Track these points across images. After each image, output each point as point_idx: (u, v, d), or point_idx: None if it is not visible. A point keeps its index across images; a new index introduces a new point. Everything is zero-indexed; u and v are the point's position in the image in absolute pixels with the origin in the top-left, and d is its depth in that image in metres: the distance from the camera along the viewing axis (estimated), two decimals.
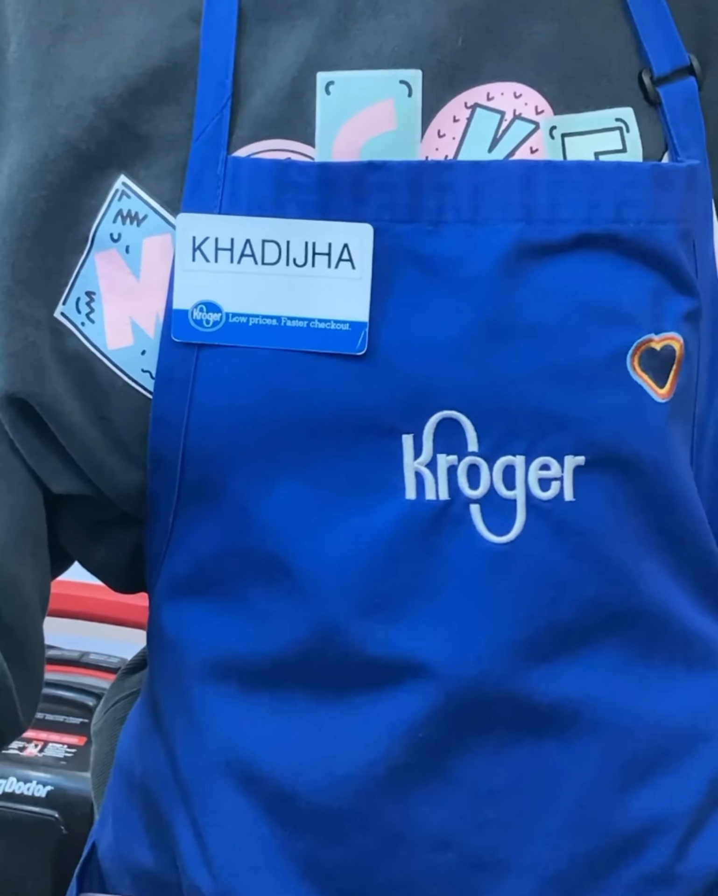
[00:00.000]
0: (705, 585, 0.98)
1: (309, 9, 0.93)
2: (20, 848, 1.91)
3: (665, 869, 0.97)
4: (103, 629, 2.02)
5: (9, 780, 1.93)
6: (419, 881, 0.95)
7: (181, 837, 0.99)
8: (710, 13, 0.97)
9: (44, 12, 0.95)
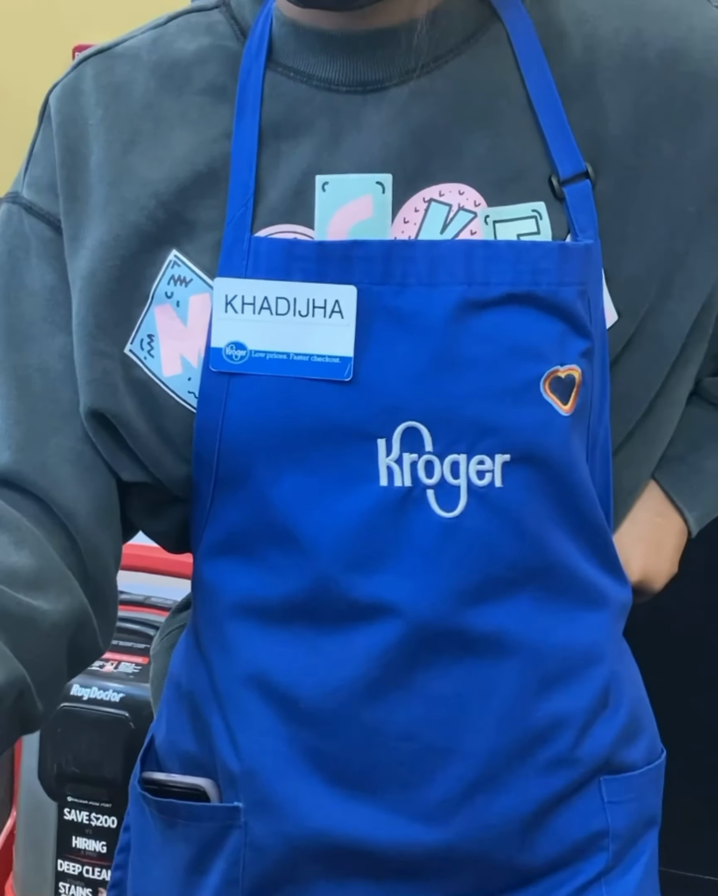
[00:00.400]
0: (596, 548, 0.98)
1: (310, 130, 0.95)
2: (100, 739, 1.95)
3: (567, 754, 0.98)
4: (161, 580, 2.02)
5: (92, 689, 1.97)
6: (390, 763, 0.96)
7: (216, 731, 1.00)
8: (600, 136, 0.94)
9: (117, 131, 0.97)
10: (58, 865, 2.05)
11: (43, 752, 2.00)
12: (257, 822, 0.99)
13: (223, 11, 1.01)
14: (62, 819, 2.02)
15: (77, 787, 2.00)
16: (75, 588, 0.94)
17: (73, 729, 1.97)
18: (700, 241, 0.97)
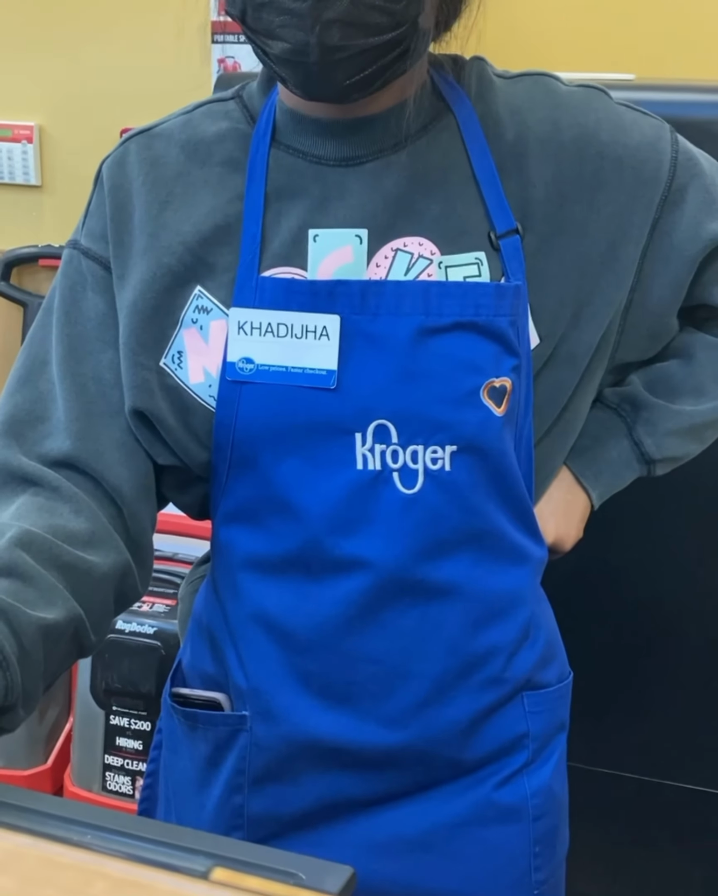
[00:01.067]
0: (520, 517, 0.97)
1: (304, 194, 0.94)
2: (139, 663, 1.94)
3: (498, 675, 0.98)
4: (185, 541, 2.00)
5: (131, 624, 1.95)
6: (362, 681, 0.96)
7: (228, 656, 1.00)
8: (528, 201, 0.94)
9: (155, 194, 0.96)
10: (104, 759, 2.04)
11: (94, 672, 1.99)
12: (260, 726, 0.99)
13: (237, 101, 1.00)
14: (108, 724, 2.02)
15: (120, 699, 1.99)
16: (121, 546, 0.94)
17: (117, 654, 1.96)
18: (602, 282, 0.97)
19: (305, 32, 0.82)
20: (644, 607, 1.73)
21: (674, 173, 0.98)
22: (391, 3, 0.82)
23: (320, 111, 0.94)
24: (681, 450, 1.10)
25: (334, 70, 0.85)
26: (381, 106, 0.93)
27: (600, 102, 0.98)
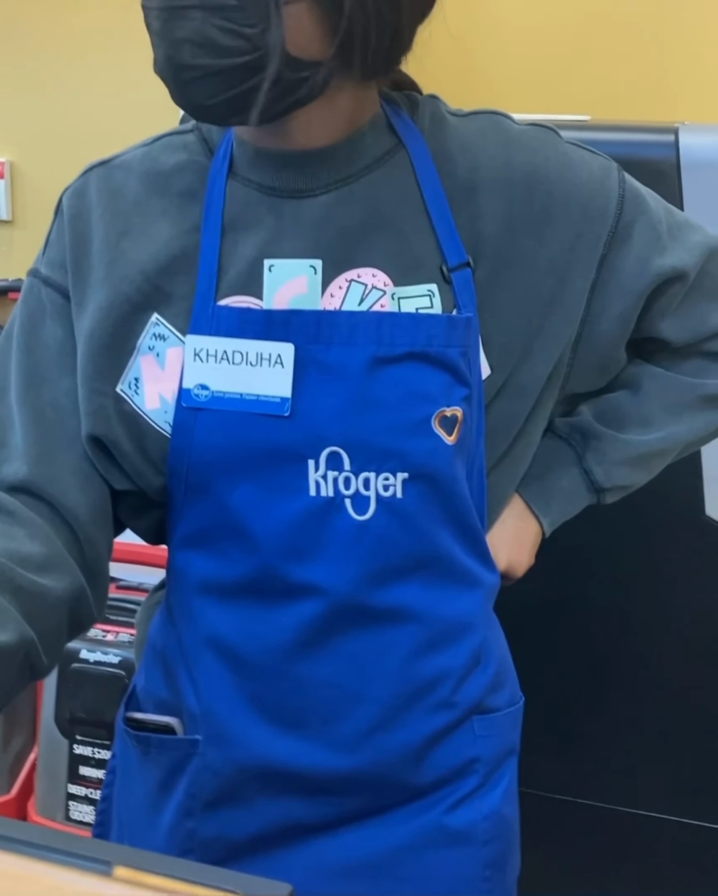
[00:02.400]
0: (472, 544, 0.97)
1: (260, 225, 0.94)
2: (102, 691, 1.93)
3: (449, 699, 0.98)
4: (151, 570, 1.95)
5: (96, 653, 1.94)
6: (314, 706, 0.96)
7: (182, 681, 0.99)
8: (479, 235, 0.95)
9: (114, 224, 0.97)
10: (68, 788, 2.02)
11: (58, 702, 1.99)
12: (212, 750, 0.98)
13: (196, 134, 1.00)
14: (72, 753, 2.00)
15: (84, 728, 1.98)
16: (76, 571, 0.93)
17: (82, 683, 1.96)
18: (552, 315, 0.98)
19: (161, 50, 0.86)
20: (598, 632, 1.74)
21: (621, 210, 0.99)
22: (245, 27, 0.83)
23: (268, 143, 0.95)
24: (630, 478, 1.10)
25: (189, 89, 0.86)
26: (331, 139, 0.94)
27: (550, 141, 0.99)
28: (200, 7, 0.83)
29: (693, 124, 1.71)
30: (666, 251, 1.01)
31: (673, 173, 1.62)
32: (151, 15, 0.85)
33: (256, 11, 0.83)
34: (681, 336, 1.06)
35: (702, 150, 1.63)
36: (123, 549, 1.78)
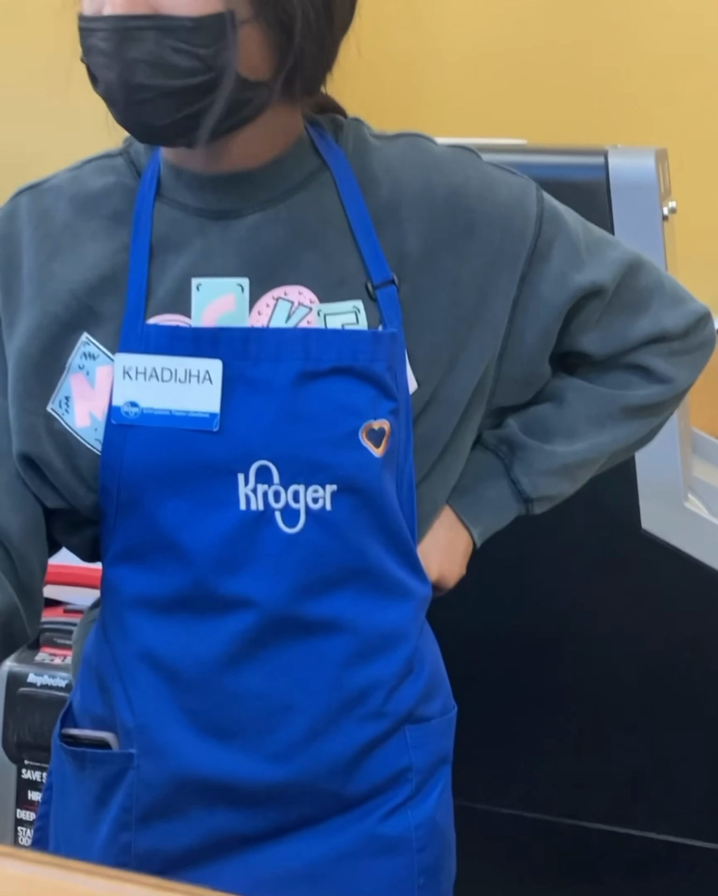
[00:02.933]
0: (402, 555, 0.98)
1: (187, 245, 0.96)
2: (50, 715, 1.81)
3: (380, 709, 0.98)
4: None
5: (44, 677, 1.92)
6: (247, 717, 0.96)
7: (116, 695, 0.98)
8: (402, 253, 0.96)
9: (43, 245, 0.97)
10: (17, 814, 2.00)
11: (5, 726, 1.95)
12: (147, 763, 0.98)
13: (124, 157, 1.01)
14: (21, 778, 1.97)
15: (32, 752, 1.94)
16: (8, 589, 0.94)
17: (29, 708, 1.93)
18: (475, 330, 0.99)
19: (112, 71, 0.85)
20: (535, 644, 1.76)
21: (540, 228, 1.01)
22: (198, 48, 0.84)
23: (196, 165, 0.96)
24: (556, 489, 1.12)
25: (141, 110, 0.87)
26: (256, 161, 0.95)
27: (470, 162, 1.02)
28: (154, 28, 0.84)
29: (623, 147, 1.75)
30: (585, 267, 1.03)
31: (603, 194, 1.66)
32: (97, 36, 0.85)
33: (211, 32, 0.84)
34: (603, 349, 1.08)
35: (630, 172, 1.68)
36: (70, 573, 1.78)
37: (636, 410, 1.12)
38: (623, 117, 2.13)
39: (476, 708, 1.17)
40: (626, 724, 1.75)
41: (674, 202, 1.78)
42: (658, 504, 1.73)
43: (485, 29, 2.30)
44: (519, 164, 1.36)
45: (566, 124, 2.10)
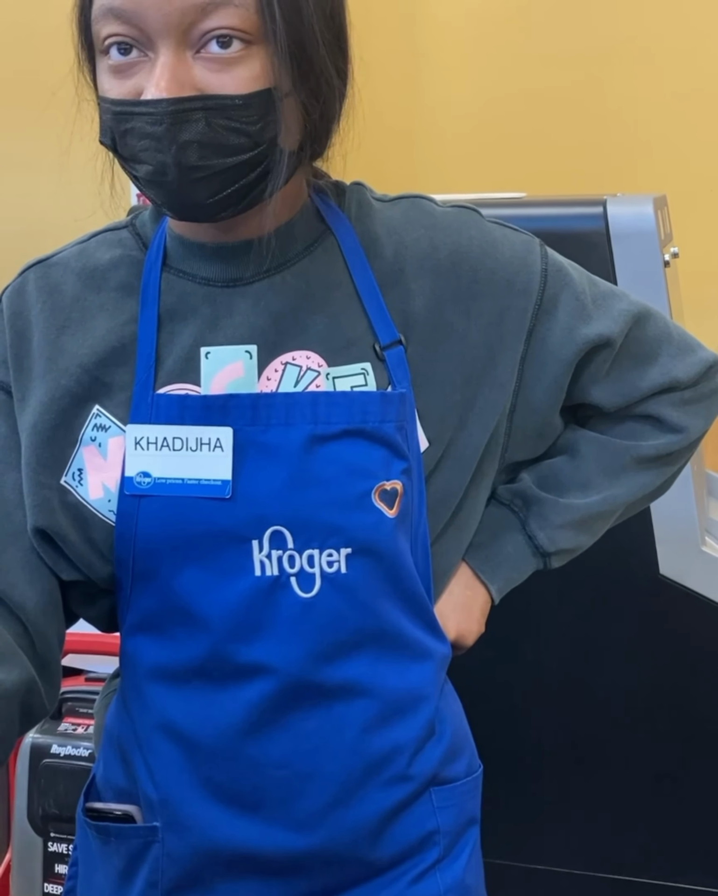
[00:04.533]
0: (419, 615, 0.97)
1: (195, 314, 0.96)
2: (75, 786, 1.84)
3: (404, 772, 0.97)
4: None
5: (67, 747, 1.91)
6: (269, 786, 0.95)
7: (138, 768, 0.98)
8: (409, 314, 0.97)
9: (53, 320, 0.98)
10: (44, 888, 1.97)
11: (30, 798, 1.94)
12: (171, 837, 0.97)
13: (130, 230, 1.02)
14: (47, 851, 1.95)
15: (58, 824, 1.93)
16: (26, 663, 0.93)
17: (54, 779, 1.91)
18: (483, 387, 1.00)
19: (163, 154, 0.86)
20: (556, 693, 1.74)
21: (545, 284, 1.02)
22: (248, 125, 0.86)
23: (203, 236, 0.97)
24: (573, 542, 1.11)
25: (194, 189, 0.88)
26: (262, 230, 0.95)
27: (472, 221, 1.02)
28: (204, 108, 0.85)
29: (622, 196, 1.77)
30: (592, 320, 1.04)
31: (604, 244, 1.67)
32: (143, 120, 0.86)
33: (259, 109, 0.87)
34: (613, 401, 1.09)
35: (629, 220, 1.69)
36: (91, 641, 1.77)
37: (649, 460, 1.11)
38: (622, 166, 2.16)
39: (500, 761, 1.15)
40: (650, 771, 1.73)
41: (676, 248, 1.79)
42: (674, 548, 1.73)
43: (481, 87, 2.34)
44: (519, 217, 1.38)
45: (564, 175, 2.12)
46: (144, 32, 0.86)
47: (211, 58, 0.86)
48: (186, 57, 0.86)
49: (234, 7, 0.84)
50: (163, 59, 0.85)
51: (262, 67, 0.86)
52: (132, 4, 0.85)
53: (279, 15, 0.85)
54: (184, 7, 0.84)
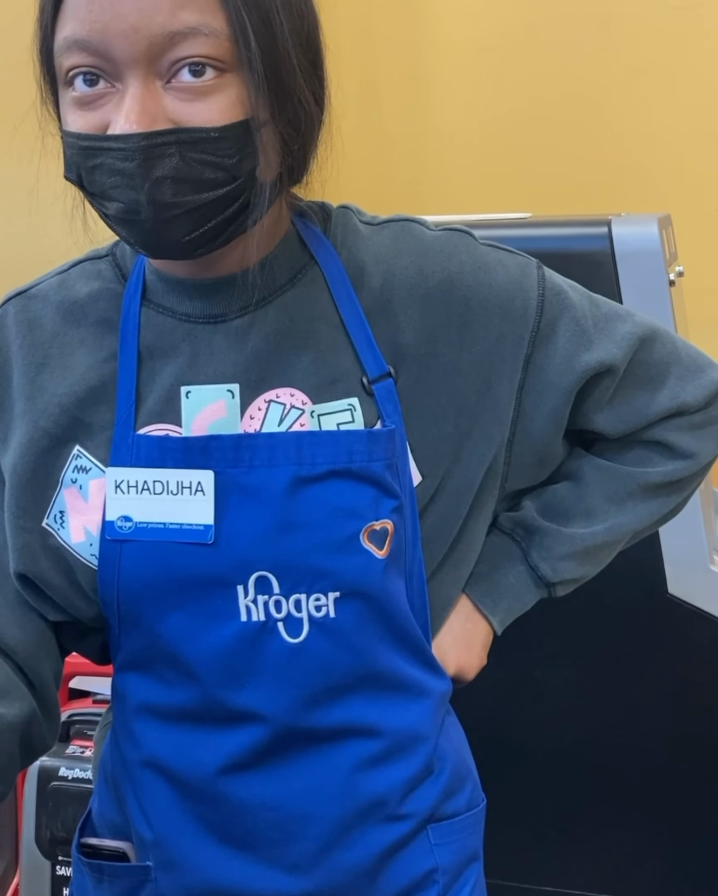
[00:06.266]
0: (415, 654, 0.96)
1: (175, 352, 0.94)
2: (83, 810, 1.88)
3: (398, 812, 0.95)
4: None
5: (75, 770, 1.90)
6: (262, 828, 0.93)
7: (130, 804, 0.97)
8: (398, 345, 0.94)
9: (32, 356, 0.96)
10: None
11: (38, 822, 1.93)
12: (164, 877, 0.96)
13: (109, 261, 1.00)
14: (55, 874, 1.94)
15: (65, 848, 1.91)
16: (27, 695, 0.93)
17: (61, 802, 1.90)
18: (479, 418, 0.97)
19: (135, 191, 0.81)
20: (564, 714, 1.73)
21: (542, 309, 0.98)
22: (224, 158, 0.82)
23: (181, 272, 0.95)
24: (578, 572, 1.09)
25: (169, 227, 0.84)
26: (239, 265, 0.93)
27: (464, 246, 0.98)
28: (178, 143, 0.81)
29: (626, 216, 1.75)
30: (593, 345, 1.00)
31: (609, 264, 1.66)
32: (111, 155, 0.81)
33: (236, 141, 0.82)
34: (618, 428, 1.05)
35: (634, 239, 1.68)
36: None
37: (657, 488, 1.08)
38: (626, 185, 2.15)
39: (509, 788, 1.13)
40: (660, 790, 1.71)
41: (681, 266, 1.77)
42: (683, 568, 1.72)
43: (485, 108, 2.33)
44: (524, 238, 1.35)
45: (569, 195, 2.12)
46: (111, 62, 0.81)
47: (183, 87, 0.81)
48: (156, 87, 0.81)
49: (204, 36, 0.80)
50: (132, 91, 0.81)
51: (237, 96, 0.82)
52: (98, 35, 0.80)
53: (254, 42, 0.81)
54: (151, 36, 0.79)
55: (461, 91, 2.27)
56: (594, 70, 2.22)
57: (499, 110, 2.28)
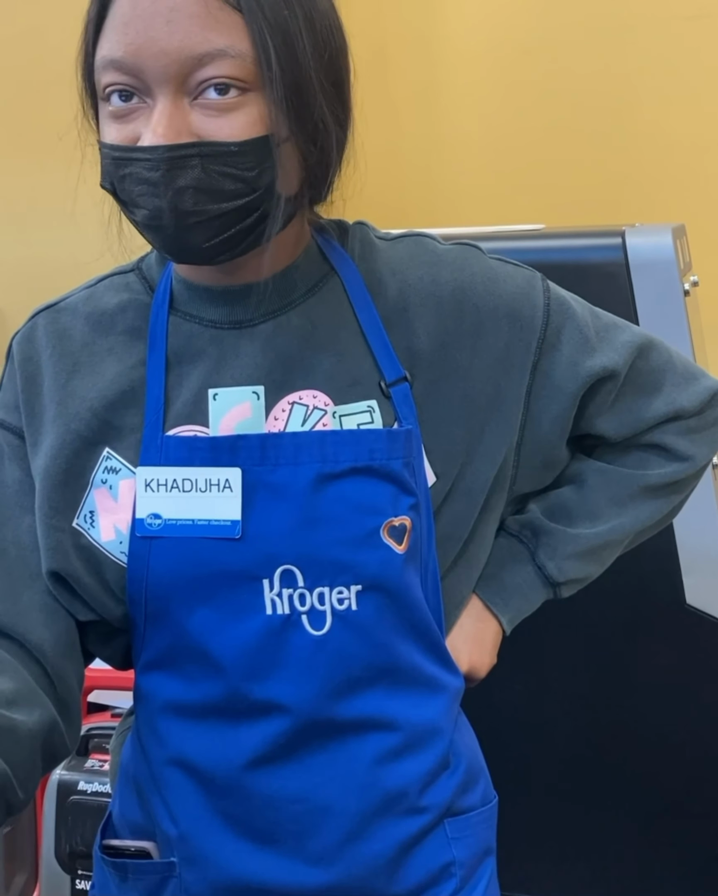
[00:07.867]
0: (431, 650, 0.99)
1: (202, 356, 0.99)
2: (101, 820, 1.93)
3: (418, 804, 0.99)
4: None
5: (94, 784, 1.91)
6: (284, 821, 0.96)
7: (154, 803, 1.00)
8: (413, 351, 0.99)
9: (62, 364, 1.01)
10: None
11: (57, 836, 1.95)
12: (189, 872, 0.99)
13: (137, 273, 1.05)
14: (75, 889, 1.95)
15: (85, 861, 1.93)
16: (47, 703, 0.95)
17: (81, 816, 1.92)
18: (491, 421, 1.02)
19: (159, 199, 0.88)
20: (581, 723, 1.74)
21: (548, 319, 1.04)
22: (244, 171, 0.89)
23: (207, 279, 1.00)
24: (583, 571, 1.13)
25: (190, 234, 0.90)
26: (269, 272, 0.98)
27: (474, 258, 1.05)
28: (200, 155, 0.88)
29: (640, 226, 1.78)
30: (596, 352, 1.06)
31: (623, 274, 1.69)
32: (140, 165, 0.88)
33: (256, 155, 0.89)
34: (619, 431, 1.11)
35: (648, 250, 1.71)
36: (116, 676, 1.78)
37: (657, 489, 1.13)
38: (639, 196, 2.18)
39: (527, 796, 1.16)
40: (679, 803, 1.73)
41: (696, 276, 1.80)
42: (701, 578, 1.73)
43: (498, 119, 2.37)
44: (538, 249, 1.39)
45: (582, 206, 2.15)
46: (144, 81, 0.88)
47: (208, 104, 0.88)
48: (183, 104, 0.88)
49: (230, 58, 0.87)
50: (160, 107, 0.88)
51: (259, 114, 0.89)
52: (132, 57, 0.88)
53: (276, 63, 0.87)
54: (181, 59, 0.87)
55: (474, 103, 2.31)
56: (607, 81, 2.26)
57: (512, 122, 2.31)
